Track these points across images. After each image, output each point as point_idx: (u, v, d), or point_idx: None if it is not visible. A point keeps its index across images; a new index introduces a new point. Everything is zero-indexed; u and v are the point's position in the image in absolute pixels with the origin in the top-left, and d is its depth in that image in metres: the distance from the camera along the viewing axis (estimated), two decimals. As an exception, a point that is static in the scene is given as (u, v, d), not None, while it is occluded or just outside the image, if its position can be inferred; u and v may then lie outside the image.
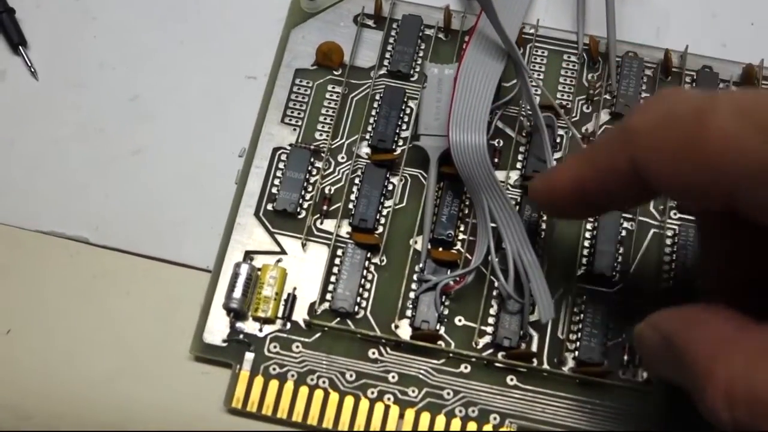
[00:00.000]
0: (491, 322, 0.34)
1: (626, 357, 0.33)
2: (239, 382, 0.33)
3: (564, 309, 0.34)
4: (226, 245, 0.35)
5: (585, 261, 0.35)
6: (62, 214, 0.36)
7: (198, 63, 0.39)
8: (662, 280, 0.34)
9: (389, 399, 0.33)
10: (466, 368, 0.33)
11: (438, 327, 0.34)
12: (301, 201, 0.35)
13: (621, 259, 0.35)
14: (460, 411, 0.33)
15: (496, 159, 0.36)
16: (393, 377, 0.33)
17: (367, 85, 0.37)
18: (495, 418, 0.33)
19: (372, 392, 0.33)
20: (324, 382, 0.33)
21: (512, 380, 0.33)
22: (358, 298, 0.34)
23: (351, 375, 0.33)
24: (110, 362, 0.34)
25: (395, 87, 0.37)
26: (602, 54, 0.38)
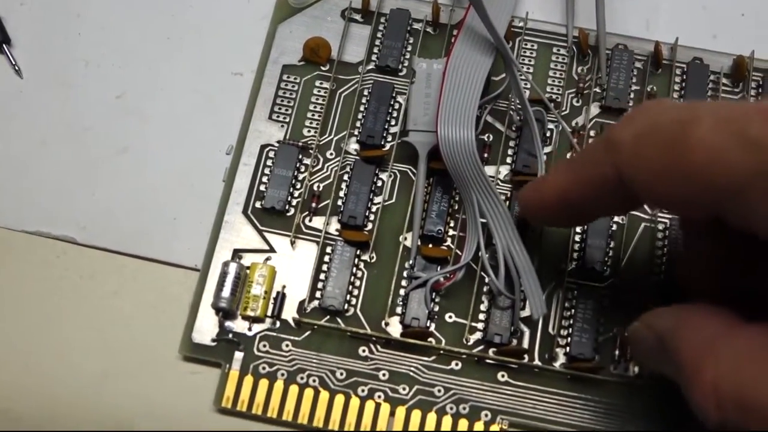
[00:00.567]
0: (482, 319, 0.34)
1: (617, 352, 0.33)
2: (229, 382, 0.33)
3: (555, 304, 0.34)
4: (215, 244, 0.35)
5: (576, 256, 0.34)
6: (48, 214, 0.36)
7: (184, 60, 0.38)
8: (653, 274, 0.34)
9: (380, 397, 0.33)
10: (457, 365, 0.33)
11: (428, 324, 0.33)
12: (290, 198, 0.35)
13: (612, 254, 0.34)
14: (451, 408, 0.33)
15: (486, 154, 0.36)
16: (383, 375, 0.33)
17: (355, 81, 0.37)
18: (486, 415, 0.33)
19: (362, 390, 0.33)
20: (314, 381, 0.33)
21: (503, 377, 0.33)
22: (348, 296, 0.34)
23: (341, 373, 0.33)
24: (99, 363, 0.34)
25: (383, 82, 0.37)
26: (592, 47, 0.37)
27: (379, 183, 0.35)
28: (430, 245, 0.34)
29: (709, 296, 0.27)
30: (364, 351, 0.33)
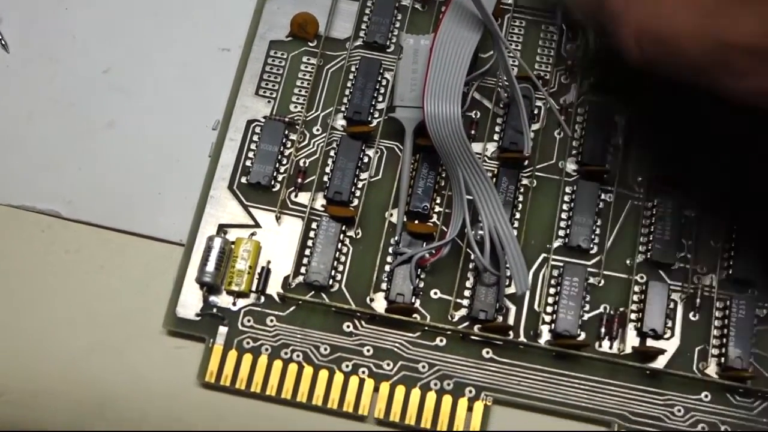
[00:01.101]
0: (467, 295, 0.33)
1: (602, 330, 0.33)
2: (212, 356, 0.33)
3: (540, 282, 0.34)
4: (200, 219, 0.35)
5: (562, 233, 0.34)
6: (34, 188, 0.36)
7: (171, 35, 0.38)
8: (640, 253, 0.34)
9: (364, 372, 0.33)
10: (442, 341, 0.33)
11: (413, 300, 0.33)
12: (276, 174, 0.35)
13: (599, 232, 0.34)
14: (436, 384, 0.33)
15: (473, 131, 0.36)
16: (368, 351, 0.33)
17: (343, 57, 0.37)
18: (470, 391, 0.32)
19: (347, 366, 0.33)
20: (298, 356, 0.33)
21: (488, 353, 0.33)
22: (333, 272, 0.34)
23: (325, 348, 0.33)
24: (83, 338, 0.34)
25: (371, 58, 0.37)
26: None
27: (366, 159, 0.35)
28: (416, 221, 0.34)
29: None
30: (349, 326, 0.33)
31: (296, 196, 0.35)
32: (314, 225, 0.34)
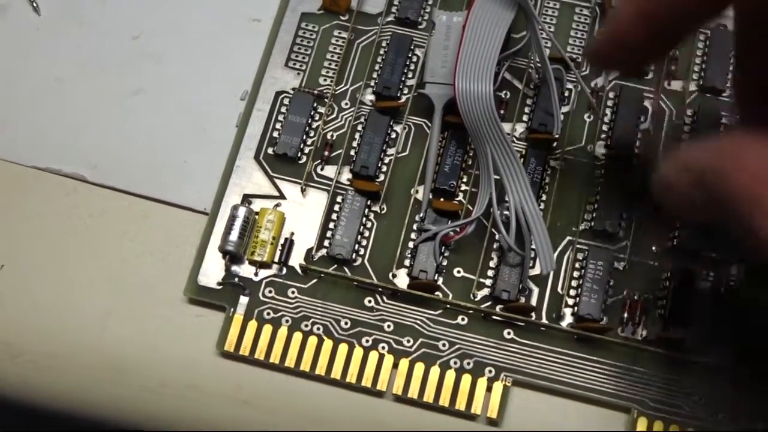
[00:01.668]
0: (490, 275, 0.33)
1: (625, 315, 0.33)
2: (232, 326, 0.33)
3: (565, 264, 0.33)
4: (225, 188, 0.34)
5: (588, 216, 0.34)
6: (60, 152, 0.36)
7: (203, 3, 0.38)
8: (667, 239, 0.34)
9: (384, 348, 0.33)
10: (463, 320, 0.33)
11: (436, 277, 0.33)
12: (302, 146, 0.35)
13: (625, 216, 0.34)
14: (455, 363, 0.32)
15: (503, 111, 0.35)
16: (388, 326, 0.33)
17: (374, 32, 0.37)
18: (490, 371, 0.32)
19: (366, 341, 0.33)
20: (318, 329, 0.33)
21: (509, 334, 0.33)
22: (357, 246, 0.33)
23: (346, 323, 0.33)
24: (104, 302, 0.34)
25: (402, 34, 0.36)
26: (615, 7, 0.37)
27: (393, 135, 0.35)
28: (442, 199, 0.34)
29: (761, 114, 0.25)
30: (370, 301, 0.33)
31: (322, 169, 0.35)
32: (339, 199, 0.34)
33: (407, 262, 0.33)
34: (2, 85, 0.37)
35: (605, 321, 0.33)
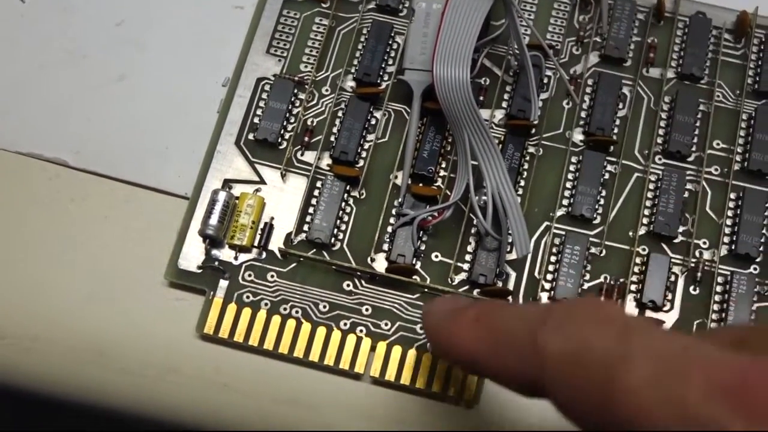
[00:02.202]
0: (468, 259, 0.34)
1: (601, 299, 0.33)
2: (212, 309, 0.33)
3: (542, 249, 0.34)
4: (206, 173, 0.35)
5: (566, 202, 0.34)
6: (43, 137, 0.36)
7: (186, -10, 0.38)
8: (643, 225, 0.34)
9: (362, 331, 0.33)
10: (441, 304, 0.33)
11: (414, 261, 0.33)
12: (283, 132, 0.35)
13: (602, 202, 0.34)
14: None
15: (482, 97, 0.36)
16: (367, 310, 0.33)
17: (355, 19, 0.37)
18: (467, 354, 0.32)
19: (345, 324, 0.33)
20: (297, 312, 0.33)
21: (486, 317, 0.33)
22: (335, 230, 0.34)
23: (324, 306, 0.33)
24: (85, 286, 0.34)
25: (383, 21, 0.37)
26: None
27: (373, 121, 0.35)
28: (421, 184, 0.34)
29: None
30: (349, 285, 0.33)
31: (302, 155, 0.35)
32: (319, 184, 0.34)
33: (385, 247, 0.34)
34: (-14, 72, 0.37)
35: (581, 305, 0.33)
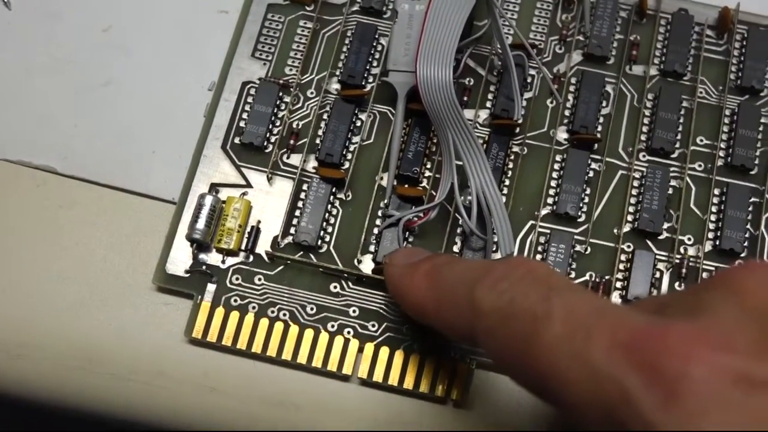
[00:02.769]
0: (454, 259, 0.34)
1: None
2: (200, 313, 0.33)
3: (527, 248, 0.34)
4: (192, 177, 0.35)
5: (550, 201, 0.34)
6: (30, 144, 0.36)
7: (172, -4, 0.38)
8: (628, 222, 0.34)
9: (349, 333, 0.33)
10: (427, 304, 0.33)
11: (400, 262, 0.34)
12: (268, 135, 0.35)
13: (587, 200, 0.34)
14: (420, 346, 0.33)
15: (466, 98, 0.36)
16: (354, 311, 0.33)
17: (339, 22, 0.37)
18: (454, 354, 0.33)
19: (332, 326, 0.33)
20: (284, 315, 0.33)
21: (472, 317, 0.33)
22: (322, 233, 0.34)
23: (312, 308, 0.33)
24: (74, 292, 0.34)
25: (367, 23, 0.37)
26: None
27: (358, 123, 0.35)
28: (406, 185, 0.34)
29: None
30: (336, 287, 0.34)
31: (288, 158, 0.35)
32: (305, 186, 0.35)
33: (372, 248, 0.34)
34: (-27, 79, 0.37)
35: (567, 303, 0.33)
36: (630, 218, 0.34)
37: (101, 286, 0.34)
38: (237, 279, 0.34)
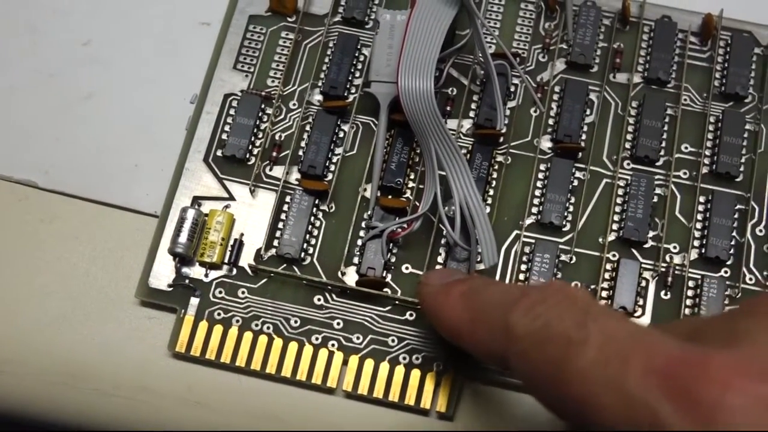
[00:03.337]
0: (438, 270, 0.33)
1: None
2: (183, 327, 0.33)
3: (512, 258, 0.34)
4: (175, 191, 0.35)
5: (535, 210, 0.34)
6: (12, 158, 0.36)
7: (152, 8, 0.38)
8: (612, 231, 0.34)
9: (333, 345, 0.33)
10: (412, 315, 0.33)
11: (384, 274, 0.33)
12: (251, 147, 0.35)
13: (572, 209, 0.34)
14: (404, 358, 0.33)
15: (449, 108, 0.36)
16: (338, 324, 0.33)
17: (321, 33, 0.37)
18: (439, 366, 0.32)
19: (316, 338, 0.33)
20: (268, 328, 0.33)
21: (457, 328, 0.33)
22: (305, 245, 0.34)
23: (296, 321, 0.33)
24: (56, 307, 0.34)
25: (349, 34, 0.37)
26: (560, 2, 0.37)
27: (341, 134, 0.35)
28: (389, 196, 0.34)
29: None
30: (320, 300, 0.33)
31: (271, 170, 0.35)
32: (288, 198, 0.34)
33: (356, 260, 0.34)
34: (-46, 94, 0.37)
35: (552, 313, 0.33)
36: (615, 227, 0.34)
37: (84, 301, 0.34)
38: (220, 292, 0.33)
